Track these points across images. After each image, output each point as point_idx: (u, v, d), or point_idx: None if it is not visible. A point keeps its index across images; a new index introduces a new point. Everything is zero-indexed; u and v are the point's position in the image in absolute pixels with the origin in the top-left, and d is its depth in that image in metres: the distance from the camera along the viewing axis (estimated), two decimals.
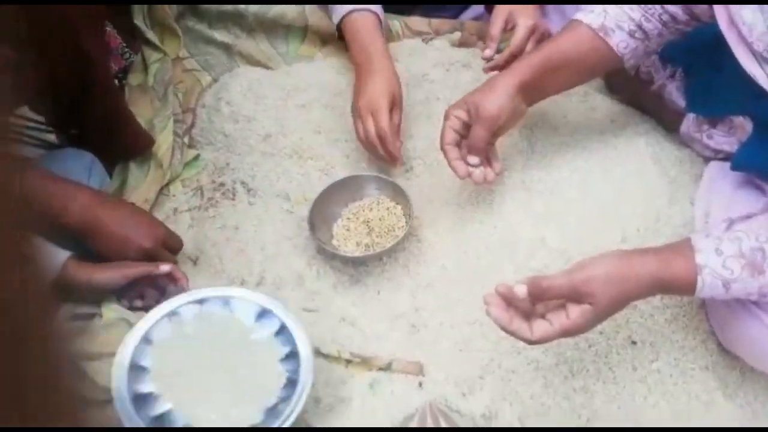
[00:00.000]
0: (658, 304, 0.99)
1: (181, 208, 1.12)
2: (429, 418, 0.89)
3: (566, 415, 0.91)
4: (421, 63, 1.27)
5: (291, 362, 0.88)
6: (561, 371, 0.94)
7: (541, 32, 1.19)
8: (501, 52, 1.19)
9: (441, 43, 1.30)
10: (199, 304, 0.92)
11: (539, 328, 0.79)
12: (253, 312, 0.92)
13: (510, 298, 0.80)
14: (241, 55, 1.28)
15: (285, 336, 0.90)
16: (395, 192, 1.08)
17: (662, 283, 0.80)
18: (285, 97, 1.23)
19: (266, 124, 1.19)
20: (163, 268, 0.96)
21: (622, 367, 0.94)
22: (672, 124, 1.16)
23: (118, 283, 0.95)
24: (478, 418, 0.91)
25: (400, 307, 1.01)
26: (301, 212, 1.09)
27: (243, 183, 1.14)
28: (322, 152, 1.16)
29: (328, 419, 0.91)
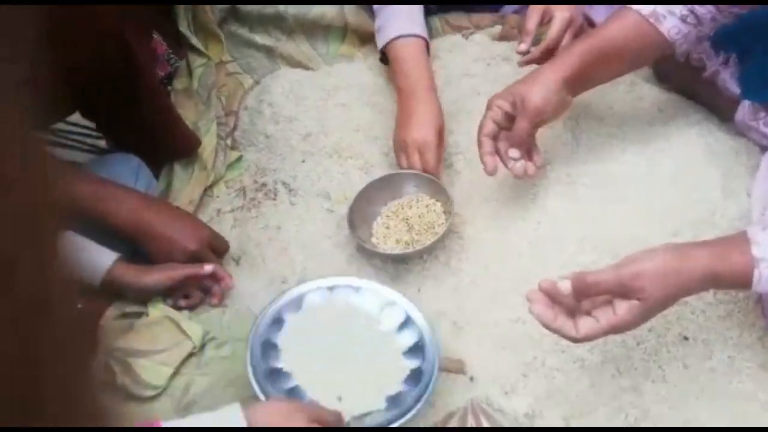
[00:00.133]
0: (711, 300, 0.94)
1: (225, 209, 1.14)
2: (470, 417, 0.88)
3: (613, 415, 0.88)
4: (462, 58, 1.25)
5: (415, 355, 0.91)
6: (608, 369, 0.91)
7: (578, 25, 1.16)
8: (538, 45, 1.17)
9: (481, 38, 1.29)
10: (329, 291, 0.96)
11: (585, 325, 0.77)
12: (379, 303, 0.95)
13: (554, 295, 0.78)
14: (282, 57, 1.29)
15: (410, 329, 0.93)
16: (434, 189, 1.07)
17: (717, 276, 0.77)
18: (326, 97, 1.23)
19: (307, 124, 1.20)
20: (207, 269, 0.99)
21: (673, 366, 0.91)
22: (726, 113, 1.11)
23: (164, 285, 0.98)
24: (521, 418, 0.89)
25: (442, 304, 1.00)
26: (341, 211, 1.09)
27: (284, 183, 1.15)
28: (362, 150, 1.16)
29: None
